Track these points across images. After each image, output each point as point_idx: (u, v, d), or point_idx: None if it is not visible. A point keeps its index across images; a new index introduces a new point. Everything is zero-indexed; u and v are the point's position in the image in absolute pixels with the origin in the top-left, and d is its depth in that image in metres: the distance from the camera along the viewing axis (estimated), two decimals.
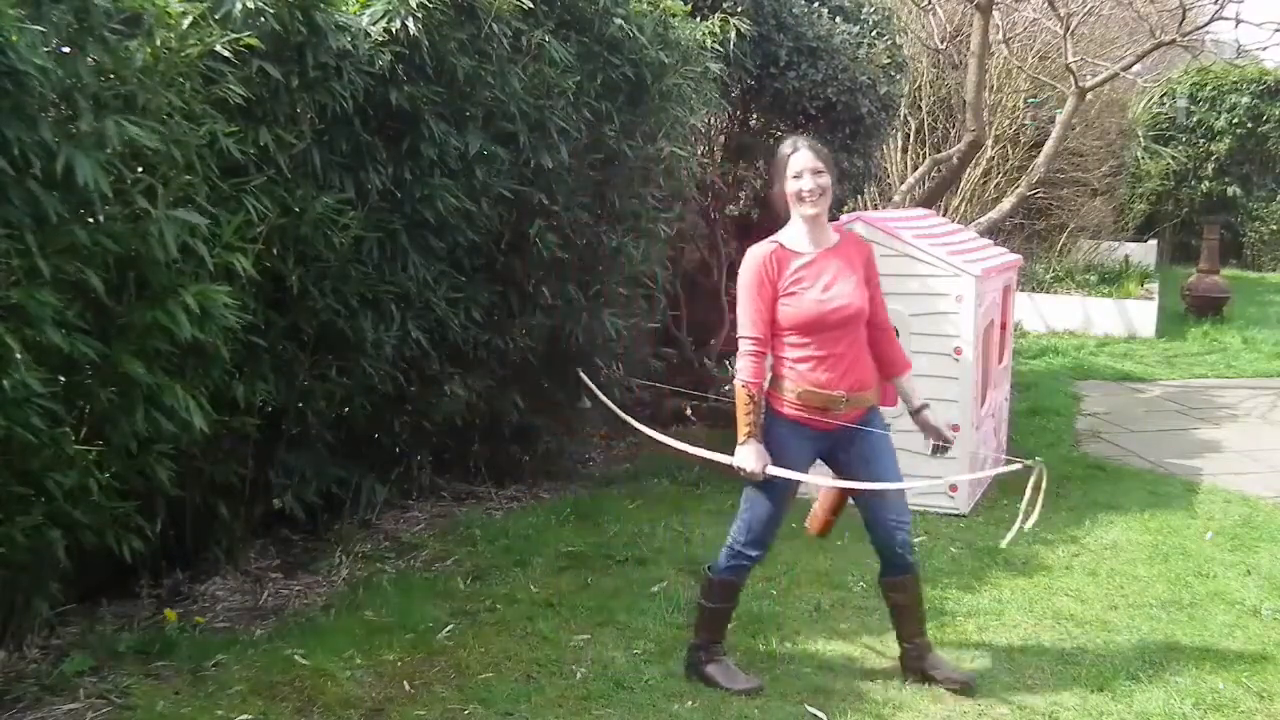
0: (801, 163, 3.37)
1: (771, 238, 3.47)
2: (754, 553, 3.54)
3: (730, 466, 3.42)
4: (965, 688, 3.52)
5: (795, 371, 3.41)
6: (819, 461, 3.60)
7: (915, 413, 3.65)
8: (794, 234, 3.45)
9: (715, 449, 3.80)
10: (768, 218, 8.07)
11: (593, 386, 3.86)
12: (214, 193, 3.50)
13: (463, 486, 5.55)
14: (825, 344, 3.39)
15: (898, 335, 5.39)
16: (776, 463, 3.39)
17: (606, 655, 3.75)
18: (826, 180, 3.38)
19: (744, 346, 3.40)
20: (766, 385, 3.46)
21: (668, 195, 5.90)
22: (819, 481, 3.59)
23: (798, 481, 3.44)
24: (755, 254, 3.42)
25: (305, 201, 3.94)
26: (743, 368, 3.39)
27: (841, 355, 3.41)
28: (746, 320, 3.40)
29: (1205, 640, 3.95)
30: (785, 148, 3.45)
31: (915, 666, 3.59)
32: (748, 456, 3.38)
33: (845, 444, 3.47)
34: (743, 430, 3.39)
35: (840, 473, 3.55)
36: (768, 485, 3.42)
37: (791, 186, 3.39)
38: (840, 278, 3.41)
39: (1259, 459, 6.53)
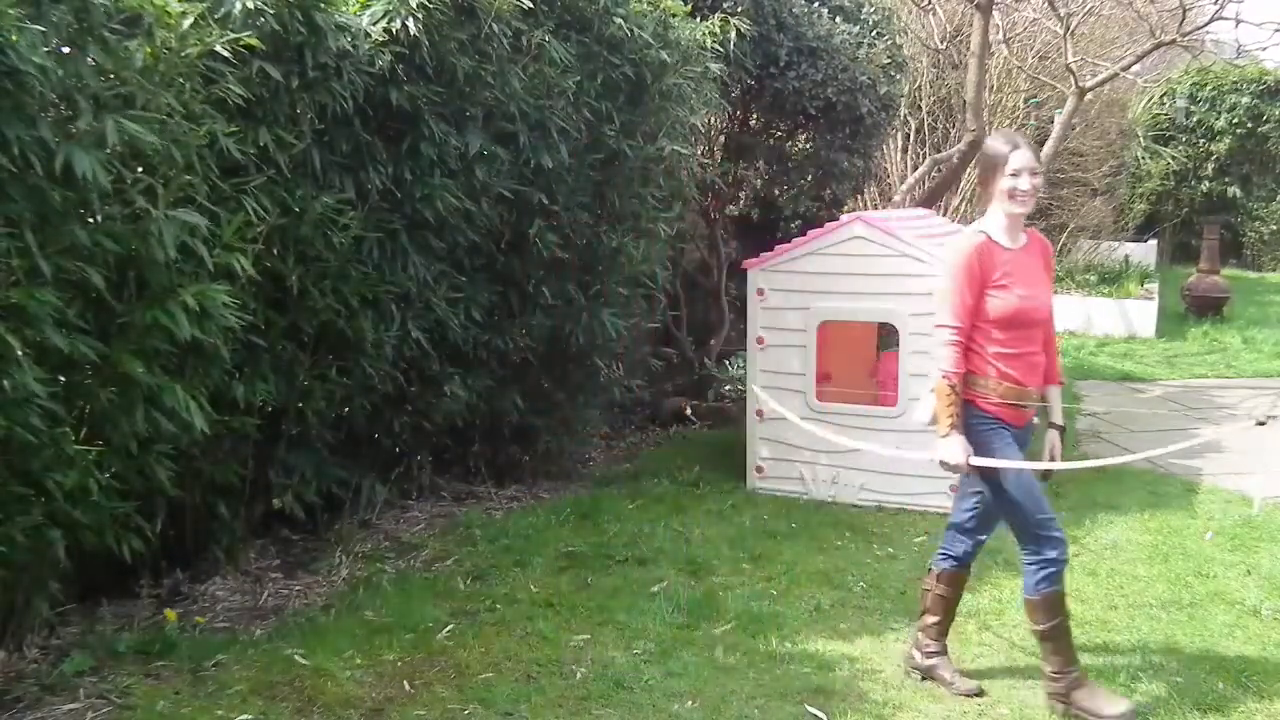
0: (1022, 161, 3.31)
1: (975, 228, 3.42)
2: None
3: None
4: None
5: (996, 368, 3.35)
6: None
7: (1051, 425, 3.60)
8: (997, 228, 3.39)
9: (715, 448, 3.81)
10: (768, 218, 8.13)
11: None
12: (214, 193, 3.50)
13: (463, 486, 5.55)
14: (1021, 341, 3.37)
15: (897, 335, 5.45)
16: (994, 455, 3.32)
17: (606, 655, 3.75)
18: (1040, 181, 3.37)
19: (944, 335, 3.33)
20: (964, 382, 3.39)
21: (668, 195, 5.90)
22: (1020, 466, 3.37)
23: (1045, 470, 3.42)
24: (964, 244, 3.36)
25: (305, 201, 3.94)
26: (944, 357, 3.32)
27: (1033, 354, 3.41)
28: (949, 309, 3.33)
29: (1205, 640, 3.95)
30: (1003, 145, 3.37)
31: (1066, 703, 3.42)
32: (953, 449, 3.31)
33: (1023, 443, 3.44)
34: (945, 422, 3.31)
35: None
36: (1009, 482, 3.32)
37: (1007, 184, 3.32)
38: (1035, 278, 3.41)
39: (1259, 459, 6.52)
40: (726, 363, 7.15)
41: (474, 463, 5.59)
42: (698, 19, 5.97)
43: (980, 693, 3.52)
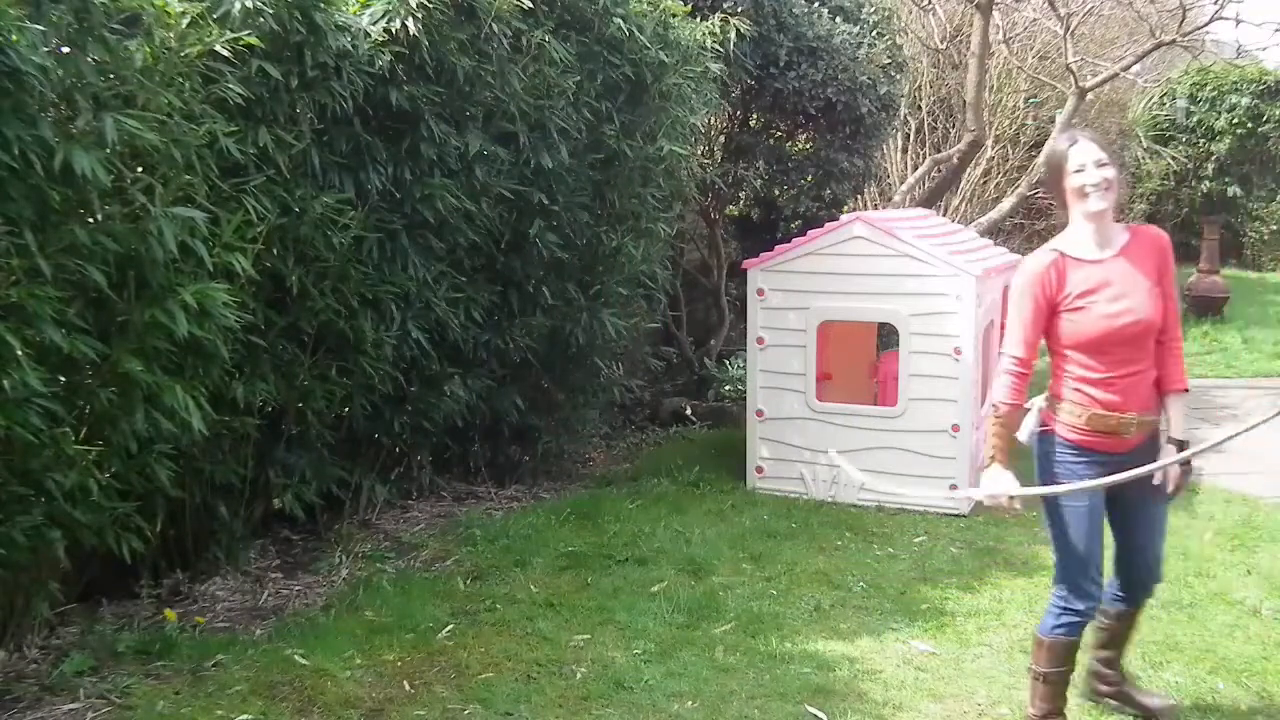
0: (1084, 155, 3.01)
1: (1051, 244, 3.13)
2: (1080, 605, 3.11)
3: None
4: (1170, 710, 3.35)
5: (1081, 393, 3.06)
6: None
7: (1173, 440, 3.22)
8: (1077, 238, 3.08)
9: (715, 448, 3.81)
10: (768, 218, 8.13)
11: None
12: (213, 192, 3.50)
13: (463, 486, 5.56)
14: (1114, 362, 3.04)
15: (896, 336, 5.45)
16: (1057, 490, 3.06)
17: (606, 655, 3.75)
18: (1112, 172, 3.01)
19: (1004, 364, 3.10)
20: (1045, 406, 3.16)
21: (668, 195, 5.90)
22: (1088, 486, 3.04)
23: (1101, 508, 3.10)
24: (1033, 265, 3.08)
25: (305, 201, 3.94)
26: (998, 386, 3.10)
27: (1131, 376, 3.07)
28: (1012, 337, 3.10)
29: (1205, 640, 3.94)
30: (1062, 142, 3.10)
31: (1110, 693, 3.40)
32: (993, 482, 3.06)
33: (1124, 468, 3.05)
34: (986, 453, 3.11)
35: (1115, 504, 3.17)
36: (1063, 516, 3.08)
37: (1074, 182, 3.02)
38: (1131, 286, 3.05)
39: (1259, 459, 6.52)
40: (726, 363, 7.15)
41: (474, 463, 5.59)
42: (698, 19, 5.97)
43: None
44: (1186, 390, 3.26)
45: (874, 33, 7.64)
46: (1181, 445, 3.18)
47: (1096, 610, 3.18)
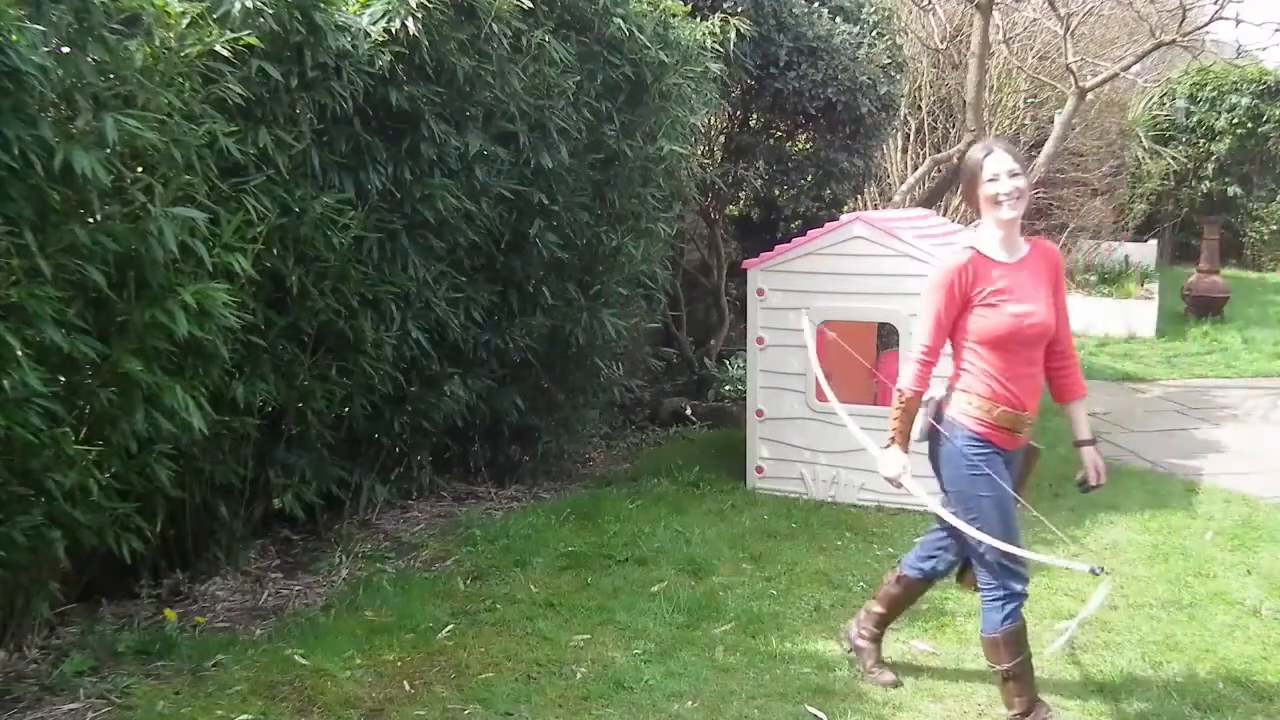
0: (998, 165, 3.19)
1: (965, 243, 3.28)
2: (1016, 586, 3.22)
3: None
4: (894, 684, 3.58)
5: (988, 388, 3.21)
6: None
7: (1079, 443, 3.42)
8: (989, 240, 3.25)
9: (715, 448, 3.82)
10: (768, 218, 8.12)
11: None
12: (213, 192, 3.50)
13: (463, 486, 5.56)
14: (1017, 361, 3.20)
15: (896, 335, 5.45)
16: (968, 480, 3.21)
17: (606, 655, 3.75)
18: (1023, 182, 3.20)
19: (914, 352, 3.27)
20: (948, 399, 3.30)
21: (668, 195, 5.90)
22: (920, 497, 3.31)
23: (1015, 495, 3.25)
24: (949, 261, 3.24)
25: (305, 201, 3.94)
26: (906, 374, 3.27)
27: (1029, 376, 3.24)
28: (924, 328, 3.25)
29: (1205, 640, 3.95)
30: (977, 151, 3.28)
31: (860, 645, 3.67)
32: (891, 462, 3.27)
33: (1012, 468, 3.30)
34: (894, 435, 3.27)
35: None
36: (979, 504, 3.20)
37: (988, 190, 3.19)
38: (1032, 292, 3.23)
39: (1259, 459, 6.53)
40: (726, 363, 7.15)
41: (474, 463, 5.59)
42: (698, 19, 5.97)
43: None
44: (1085, 396, 3.45)
45: (874, 33, 7.64)
46: (1091, 442, 3.42)
47: (1027, 592, 3.27)
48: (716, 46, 5.87)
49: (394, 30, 4.15)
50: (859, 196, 9.03)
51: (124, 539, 3.48)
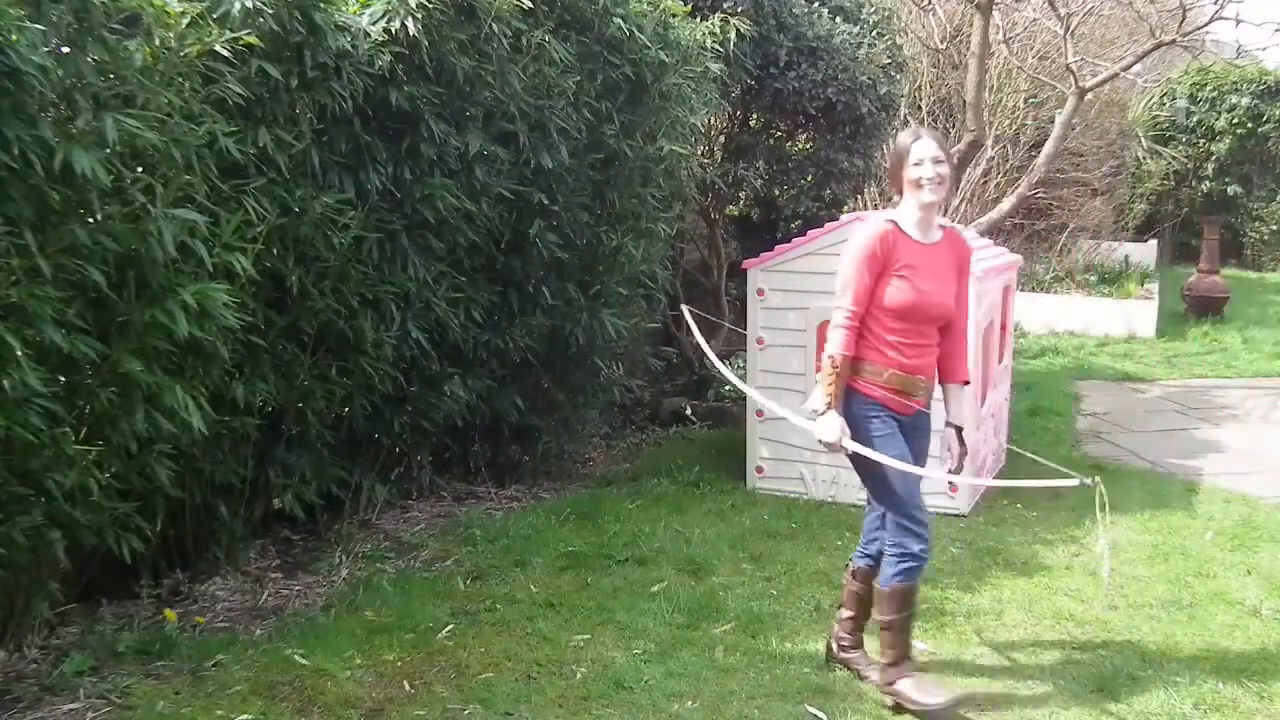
0: (924, 150, 3.37)
1: (885, 215, 3.46)
2: (915, 547, 3.38)
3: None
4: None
5: (885, 355, 3.39)
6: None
7: (948, 424, 3.62)
8: (906, 219, 3.43)
9: (715, 448, 3.83)
10: (768, 218, 8.11)
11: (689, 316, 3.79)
12: (213, 192, 3.50)
13: (463, 486, 5.56)
14: (915, 332, 3.41)
15: None
16: (872, 441, 3.37)
17: (606, 655, 3.75)
18: (946, 170, 3.39)
19: (839, 318, 3.39)
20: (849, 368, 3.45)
21: (668, 195, 5.90)
22: (906, 468, 3.40)
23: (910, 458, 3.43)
24: (870, 228, 3.40)
25: (305, 202, 3.94)
26: (834, 338, 3.39)
27: (927, 346, 3.45)
28: (848, 292, 3.38)
29: (1205, 640, 3.95)
30: (906, 136, 3.45)
31: (842, 658, 3.67)
32: (827, 427, 3.37)
33: (910, 433, 3.48)
34: (822, 400, 3.38)
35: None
36: (884, 469, 3.35)
37: (912, 174, 3.37)
38: (939, 275, 3.43)
39: (1259, 459, 6.53)
40: (727, 363, 7.15)
41: (474, 463, 5.59)
42: (698, 19, 5.97)
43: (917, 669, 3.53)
44: (967, 383, 3.66)
45: (874, 33, 7.64)
46: (959, 430, 3.60)
47: (928, 550, 3.42)
48: (716, 46, 5.87)
49: (394, 30, 4.15)
50: (859, 196, 9.02)
51: (124, 539, 3.48)
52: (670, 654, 3.76)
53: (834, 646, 3.71)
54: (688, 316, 3.90)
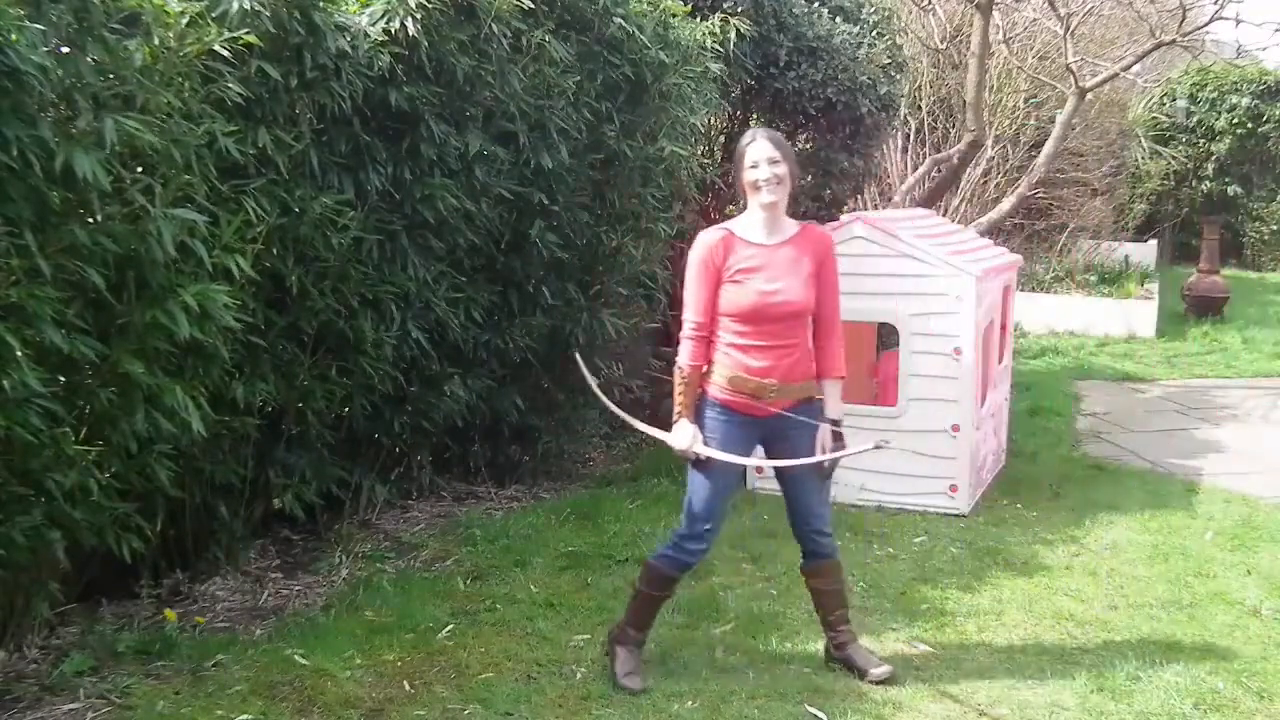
0: (758, 153, 3.40)
1: (723, 224, 3.51)
2: (692, 545, 3.51)
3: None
4: (889, 679, 3.56)
5: (729, 357, 3.43)
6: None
7: (826, 421, 3.54)
8: (748, 223, 3.48)
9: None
10: None
11: (584, 368, 3.84)
12: (213, 193, 3.50)
13: (463, 486, 5.55)
14: (764, 334, 3.41)
15: (897, 335, 5.45)
16: (708, 442, 3.42)
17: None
18: (783, 170, 3.40)
19: (685, 330, 3.45)
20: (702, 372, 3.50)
21: (668, 195, 5.90)
22: (753, 463, 3.56)
23: (742, 473, 3.49)
24: (705, 239, 3.45)
25: (304, 202, 3.94)
26: (681, 350, 3.45)
27: (780, 348, 3.42)
28: (689, 304, 3.44)
29: (1205, 640, 3.95)
30: (744, 139, 3.48)
31: (839, 656, 3.67)
32: (678, 435, 3.42)
33: (779, 435, 3.49)
34: (674, 410, 3.45)
35: (780, 472, 3.57)
36: (703, 472, 3.45)
37: (749, 176, 3.41)
38: (788, 272, 3.42)
39: (1259, 459, 6.53)
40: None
41: (474, 463, 5.58)
42: (698, 19, 5.96)
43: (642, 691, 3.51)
44: (844, 377, 3.60)
45: (874, 33, 7.64)
46: (836, 423, 3.56)
47: (702, 553, 3.55)
48: (716, 46, 5.87)
49: (393, 30, 4.15)
50: (859, 196, 9.03)
51: (124, 539, 3.48)
52: (670, 654, 3.76)
53: (833, 651, 3.71)
54: (579, 360, 3.98)
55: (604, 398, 3.76)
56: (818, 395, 3.53)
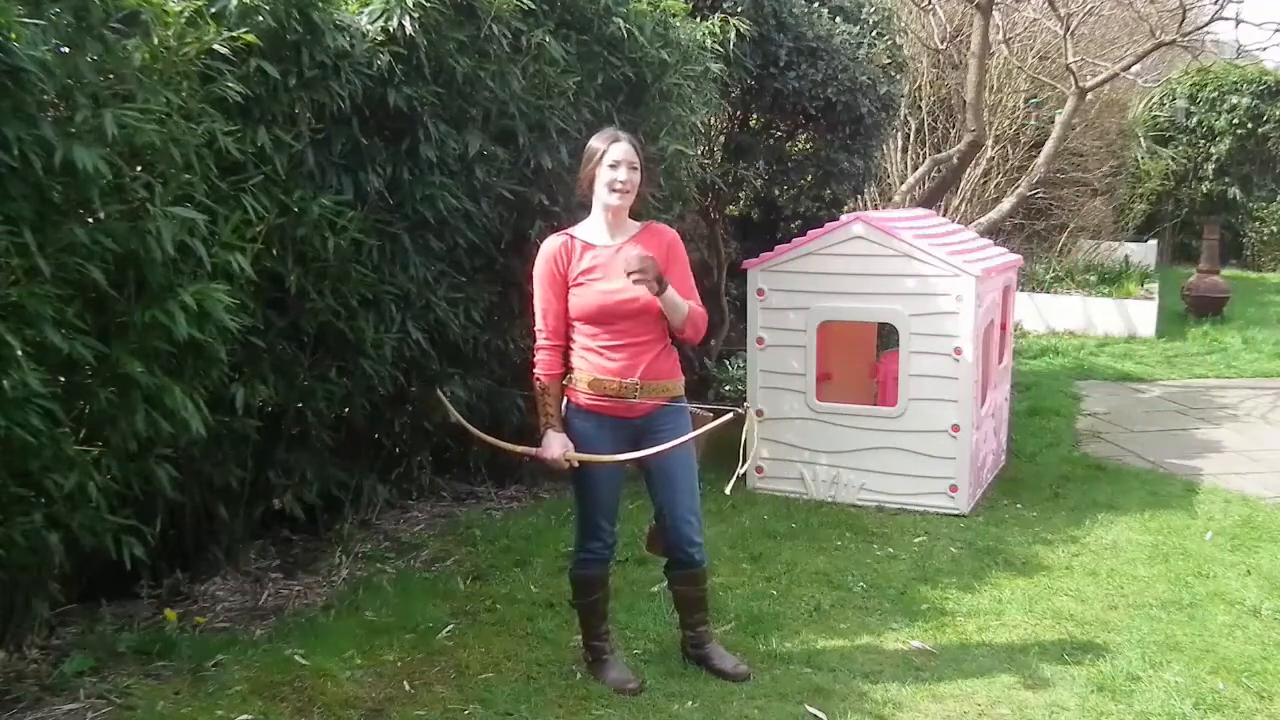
0: (622, 154, 3.37)
1: (564, 231, 3.51)
2: (594, 544, 3.54)
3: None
4: (740, 678, 3.57)
5: (586, 361, 3.41)
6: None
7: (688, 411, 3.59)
8: (590, 226, 3.48)
9: (715, 448, 3.80)
10: (768, 218, 8.11)
11: (448, 404, 3.84)
12: (212, 192, 3.49)
13: (463, 486, 5.55)
14: (616, 334, 3.39)
15: (897, 335, 5.45)
16: (580, 448, 3.42)
17: None
18: (638, 178, 3.41)
19: (538, 341, 3.46)
20: (565, 379, 3.49)
21: (668, 195, 5.89)
22: (628, 457, 3.51)
23: (620, 468, 3.49)
24: (546, 247, 3.45)
25: (304, 202, 3.94)
26: (536, 361, 3.45)
27: (635, 345, 3.40)
28: (538, 314, 3.44)
29: (1205, 640, 3.95)
30: (604, 135, 3.45)
31: (695, 654, 3.67)
32: (546, 445, 3.41)
33: (648, 435, 3.48)
34: (540, 421, 3.45)
35: (646, 470, 3.56)
36: (581, 475, 3.45)
37: (605, 175, 3.38)
38: None
39: (1259, 459, 6.53)
40: (726, 363, 7.15)
41: (474, 463, 5.58)
42: (698, 19, 5.96)
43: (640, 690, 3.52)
44: (697, 341, 3.61)
45: (874, 33, 7.63)
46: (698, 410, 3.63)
47: (607, 550, 3.56)
48: (716, 46, 5.87)
49: (392, 30, 4.14)
50: (859, 196, 9.02)
51: (125, 544, 3.47)
52: (670, 654, 3.76)
53: (687, 647, 3.72)
54: (443, 398, 3.98)
55: (471, 427, 3.71)
56: (682, 393, 3.56)
